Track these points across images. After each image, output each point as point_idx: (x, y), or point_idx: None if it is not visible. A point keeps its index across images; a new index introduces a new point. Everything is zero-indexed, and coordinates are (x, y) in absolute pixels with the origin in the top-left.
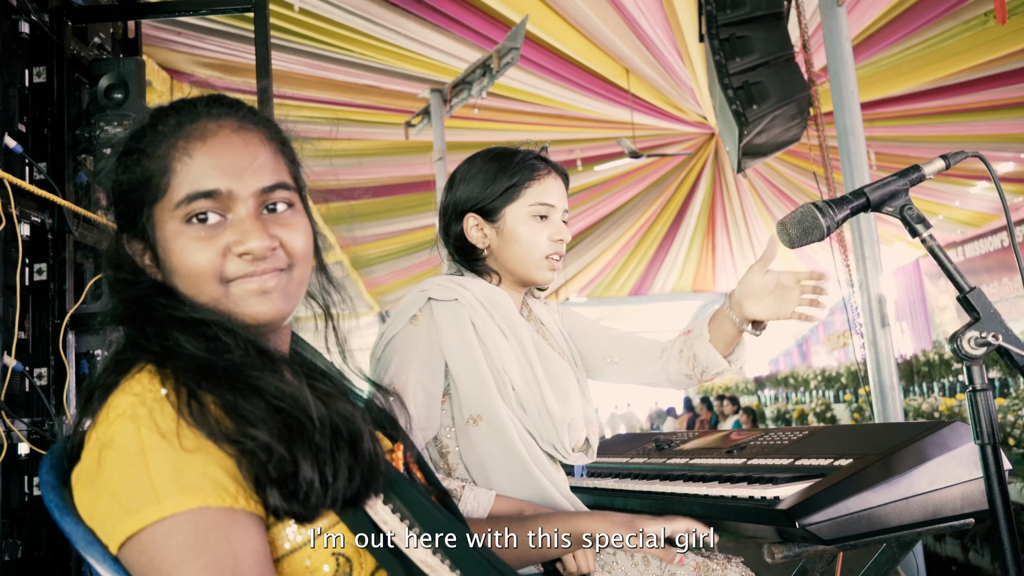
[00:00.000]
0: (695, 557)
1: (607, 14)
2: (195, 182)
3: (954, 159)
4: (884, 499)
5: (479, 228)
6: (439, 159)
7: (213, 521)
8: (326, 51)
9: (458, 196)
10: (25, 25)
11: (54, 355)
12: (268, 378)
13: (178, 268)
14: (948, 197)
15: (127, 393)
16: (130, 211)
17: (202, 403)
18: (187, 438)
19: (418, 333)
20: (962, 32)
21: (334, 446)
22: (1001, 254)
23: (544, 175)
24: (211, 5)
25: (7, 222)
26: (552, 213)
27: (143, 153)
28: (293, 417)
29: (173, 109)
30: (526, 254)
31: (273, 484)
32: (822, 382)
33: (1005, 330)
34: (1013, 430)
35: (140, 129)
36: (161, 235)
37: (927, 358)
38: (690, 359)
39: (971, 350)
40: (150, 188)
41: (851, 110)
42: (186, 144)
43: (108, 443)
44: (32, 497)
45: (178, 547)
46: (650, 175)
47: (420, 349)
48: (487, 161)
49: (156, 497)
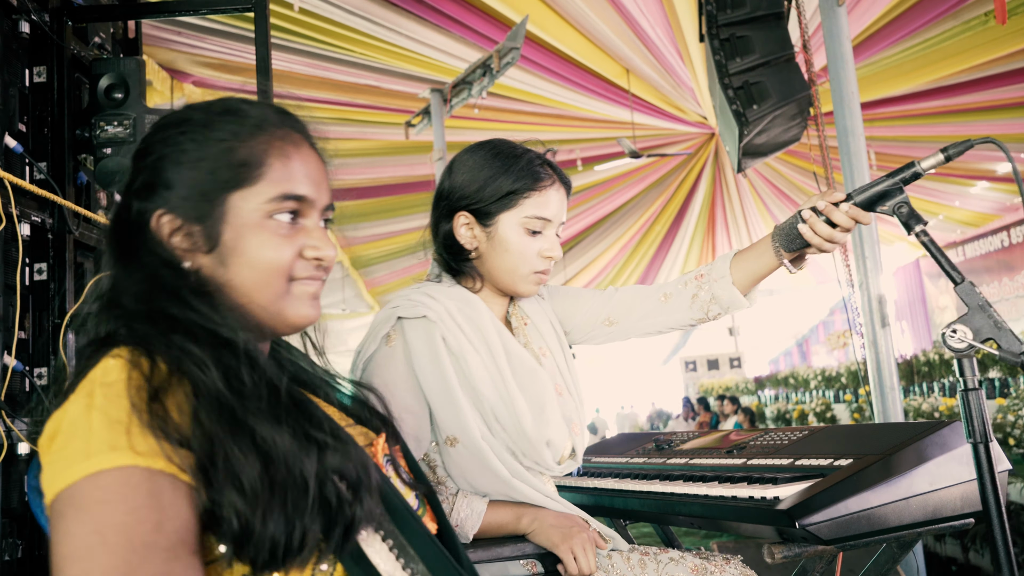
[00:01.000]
0: (693, 558)
1: (607, 14)
2: (290, 184)
3: (954, 151)
4: (884, 499)
5: (469, 228)
6: (439, 159)
7: (144, 476)
8: (326, 51)
9: (454, 189)
10: (25, 25)
11: (54, 355)
12: (266, 430)
13: (253, 258)
14: (948, 197)
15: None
16: (196, 188)
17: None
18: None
19: (394, 355)
20: (962, 32)
21: (314, 511)
22: (1001, 254)
23: (547, 186)
24: (211, 5)
25: (7, 222)
26: (547, 228)
27: (236, 138)
28: (280, 477)
29: (267, 107)
30: (514, 266)
31: (228, 536)
32: (822, 382)
33: (994, 323)
34: (1013, 430)
35: (228, 112)
36: (238, 222)
37: (927, 358)
38: (706, 302)
39: (954, 344)
40: (237, 174)
41: (851, 110)
42: (282, 145)
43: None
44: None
45: (103, 492)
46: (650, 175)
47: (400, 370)
48: (490, 157)
49: (87, 454)
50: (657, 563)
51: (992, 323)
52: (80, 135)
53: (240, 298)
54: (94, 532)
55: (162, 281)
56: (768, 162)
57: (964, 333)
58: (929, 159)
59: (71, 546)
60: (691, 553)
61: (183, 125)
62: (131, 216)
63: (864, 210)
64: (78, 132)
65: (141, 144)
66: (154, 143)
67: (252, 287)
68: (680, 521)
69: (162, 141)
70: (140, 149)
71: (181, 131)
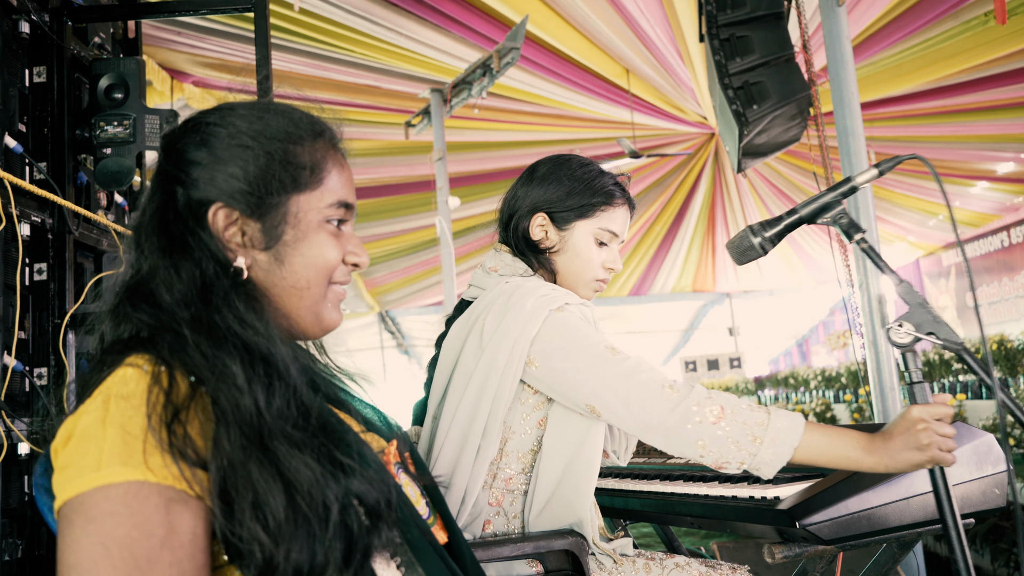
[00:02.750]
0: (699, 565)
1: (607, 14)
2: (343, 191)
3: (886, 166)
4: (884, 499)
5: (543, 228)
6: (439, 159)
7: (154, 491)
8: (326, 51)
9: (537, 194)
10: (25, 25)
11: (54, 355)
12: (293, 458)
13: (312, 257)
14: (948, 197)
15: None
16: (260, 185)
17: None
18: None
19: (569, 318)
20: (962, 32)
21: (335, 538)
22: (1001, 254)
23: (620, 204)
24: (211, 5)
25: (7, 222)
26: (614, 242)
27: (296, 141)
28: (304, 508)
29: (313, 113)
30: (581, 270)
31: (251, 568)
32: (822, 382)
33: (933, 318)
34: (1013, 430)
35: (282, 114)
36: (301, 223)
37: (927, 358)
38: None
39: (897, 338)
40: (301, 176)
41: (851, 110)
42: (335, 154)
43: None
44: (32, 497)
45: (111, 504)
46: (650, 175)
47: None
48: (578, 169)
49: (98, 466)
50: (662, 569)
51: (931, 318)
52: (80, 135)
53: (283, 302)
54: (99, 544)
55: (213, 280)
56: (768, 162)
57: (908, 328)
58: (863, 175)
59: (76, 556)
60: (697, 560)
61: (239, 122)
62: (179, 207)
63: (808, 222)
64: (78, 132)
65: (193, 136)
66: (210, 137)
67: (300, 288)
68: (680, 521)
69: (217, 135)
70: (194, 141)
71: (237, 128)
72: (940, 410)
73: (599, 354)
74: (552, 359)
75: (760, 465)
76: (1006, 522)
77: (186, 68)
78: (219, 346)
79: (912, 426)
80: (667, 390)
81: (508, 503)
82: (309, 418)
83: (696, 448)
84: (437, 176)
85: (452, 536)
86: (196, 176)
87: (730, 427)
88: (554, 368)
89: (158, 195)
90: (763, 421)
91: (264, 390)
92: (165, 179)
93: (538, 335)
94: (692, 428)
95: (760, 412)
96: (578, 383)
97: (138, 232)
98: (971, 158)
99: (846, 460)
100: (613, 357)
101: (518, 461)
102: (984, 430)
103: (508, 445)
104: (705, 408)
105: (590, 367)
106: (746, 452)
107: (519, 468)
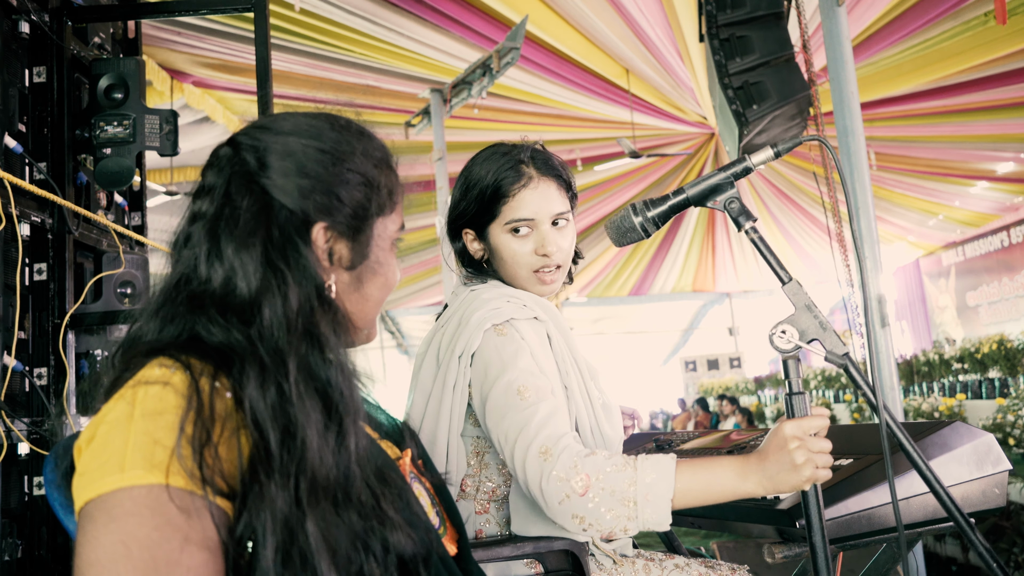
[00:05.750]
0: (699, 566)
1: (607, 14)
2: (402, 217)
3: (783, 147)
4: (884, 499)
5: (475, 241)
6: (439, 159)
7: (177, 495)
8: (326, 51)
9: (451, 209)
10: (25, 25)
11: (54, 355)
12: (343, 522)
13: (387, 278)
14: (948, 197)
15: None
16: (358, 206)
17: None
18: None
19: (511, 340)
20: (962, 32)
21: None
22: (1001, 254)
23: (518, 189)
24: (211, 5)
25: (7, 222)
26: (534, 225)
27: (380, 164)
28: (341, 563)
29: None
30: (513, 271)
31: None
32: (822, 382)
33: (819, 324)
34: (1013, 430)
35: (364, 135)
36: (381, 245)
37: (927, 358)
38: None
39: (780, 344)
40: (384, 200)
41: (851, 110)
42: (399, 180)
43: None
44: (32, 497)
45: (134, 504)
46: (650, 175)
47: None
48: (467, 175)
49: (122, 467)
50: (662, 569)
51: (818, 323)
52: (80, 135)
53: (354, 321)
54: (120, 543)
55: (310, 301)
56: (768, 162)
57: (792, 333)
58: (759, 155)
59: (96, 553)
60: (696, 560)
61: (339, 142)
62: (280, 219)
63: (696, 204)
64: (78, 132)
65: (292, 146)
66: (314, 153)
67: (372, 306)
68: (680, 520)
69: (322, 151)
70: (291, 153)
71: (341, 150)
72: (814, 423)
73: (508, 396)
74: (476, 382)
75: (646, 525)
76: (1006, 522)
77: (186, 68)
78: (307, 382)
79: (785, 444)
80: (541, 456)
81: (495, 510)
82: (367, 469)
83: (575, 523)
84: (437, 176)
85: (461, 545)
86: (297, 190)
87: (599, 496)
88: (475, 392)
89: (248, 200)
90: (631, 479)
91: (337, 440)
92: (254, 185)
93: (476, 352)
94: (565, 505)
95: (627, 470)
96: (488, 414)
97: (215, 228)
98: (971, 158)
99: (726, 491)
100: (518, 403)
101: (499, 473)
102: (984, 430)
103: (487, 457)
104: (572, 480)
105: (497, 407)
106: (625, 517)
107: (501, 480)
